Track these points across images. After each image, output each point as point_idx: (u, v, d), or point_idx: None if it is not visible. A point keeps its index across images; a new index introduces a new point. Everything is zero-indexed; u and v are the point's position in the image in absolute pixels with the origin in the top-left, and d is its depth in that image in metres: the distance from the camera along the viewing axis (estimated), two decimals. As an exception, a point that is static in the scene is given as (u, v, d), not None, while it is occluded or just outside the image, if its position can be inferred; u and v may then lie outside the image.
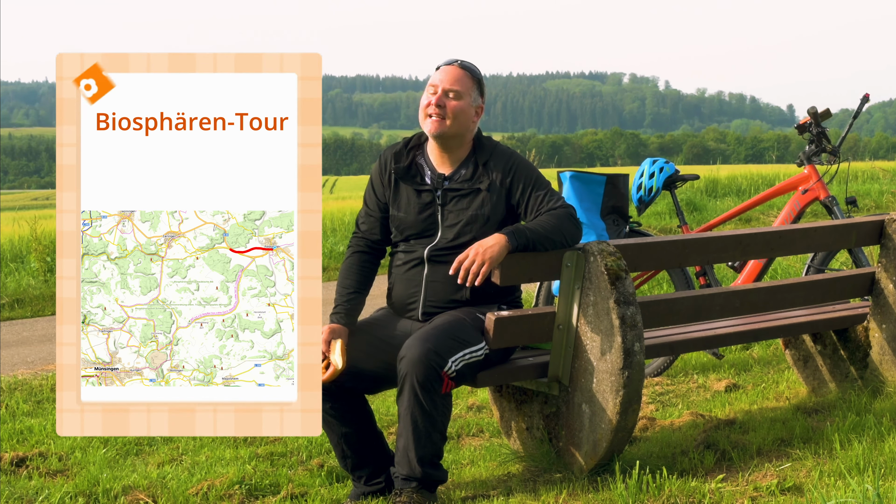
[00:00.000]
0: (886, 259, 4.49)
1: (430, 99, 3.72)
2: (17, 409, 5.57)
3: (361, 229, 3.87)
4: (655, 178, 5.68)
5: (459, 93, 3.71)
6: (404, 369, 3.46)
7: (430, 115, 3.70)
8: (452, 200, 3.73)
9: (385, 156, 3.85)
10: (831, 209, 5.65)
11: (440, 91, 3.71)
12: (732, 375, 5.53)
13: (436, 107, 3.69)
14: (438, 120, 3.69)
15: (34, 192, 65.61)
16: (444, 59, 3.85)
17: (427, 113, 3.72)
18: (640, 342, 3.60)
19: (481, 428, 4.80)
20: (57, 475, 4.29)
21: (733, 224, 11.25)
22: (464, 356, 3.52)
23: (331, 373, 3.57)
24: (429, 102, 3.72)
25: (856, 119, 5.93)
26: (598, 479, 3.62)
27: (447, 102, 3.70)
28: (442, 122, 3.69)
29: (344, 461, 3.76)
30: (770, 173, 17.31)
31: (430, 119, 3.70)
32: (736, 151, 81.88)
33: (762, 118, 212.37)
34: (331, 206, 16.53)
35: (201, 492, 3.85)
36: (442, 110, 3.69)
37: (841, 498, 3.03)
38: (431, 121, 3.70)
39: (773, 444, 3.92)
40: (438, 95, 3.71)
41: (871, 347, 4.58)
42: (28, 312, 9.32)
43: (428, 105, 3.72)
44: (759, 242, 4.25)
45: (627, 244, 3.79)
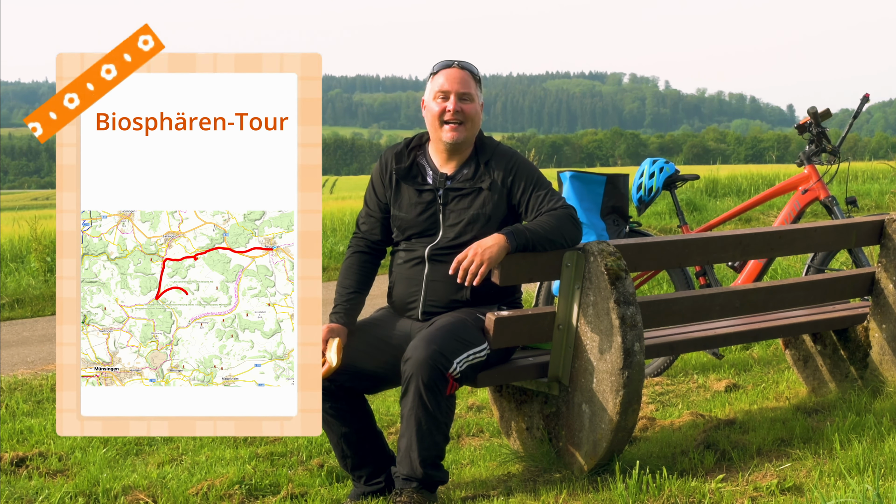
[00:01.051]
0: (886, 259, 4.49)
1: (444, 105, 3.67)
2: (17, 409, 5.58)
3: (362, 230, 3.87)
4: (655, 178, 5.68)
5: (470, 95, 3.70)
6: (409, 370, 3.45)
7: (448, 121, 3.67)
8: (454, 200, 3.72)
9: (386, 156, 3.83)
10: (831, 209, 5.65)
11: (454, 97, 3.67)
12: (732, 375, 5.53)
13: (454, 112, 3.66)
14: (457, 126, 3.66)
15: (34, 192, 65.59)
16: (439, 61, 3.77)
17: (444, 120, 3.67)
18: (640, 342, 3.60)
19: (481, 428, 4.80)
20: (57, 475, 4.29)
21: (733, 224, 11.25)
22: (468, 357, 3.52)
23: (325, 370, 3.56)
24: (443, 108, 3.67)
25: (856, 119, 5.93)
26: (598, 479, 3.62)
27: (463, 107, 3.68)
28: (461, 128, 3.67)
29: (344, 461, 3.76)
30: (770, 173, 17.31)
31: (448, 126, 3.67)
32: (736, 151, 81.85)
33: (762, 118, 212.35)
34: (331, 206, 16.53)
35: (201, 492, 3.85)
36: (459, 115, 3.67)
37: (841, 498, 3.03)
38: (450, 128, 3.66)
39: (773, 444, 3.92)
40: (454, 101, 3.67)
41: (871, 347, 4.58)
42: (28, 312, 9.32)
43: (442, 111, 3.67)
44: (759, 242, 4.25)
45: (627, 244, 3.79)
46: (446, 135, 3.68)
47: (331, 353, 3.59)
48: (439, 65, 3.76)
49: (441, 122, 3.68)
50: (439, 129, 3.69)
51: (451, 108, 3.66)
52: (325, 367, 3.57)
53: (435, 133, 3.72)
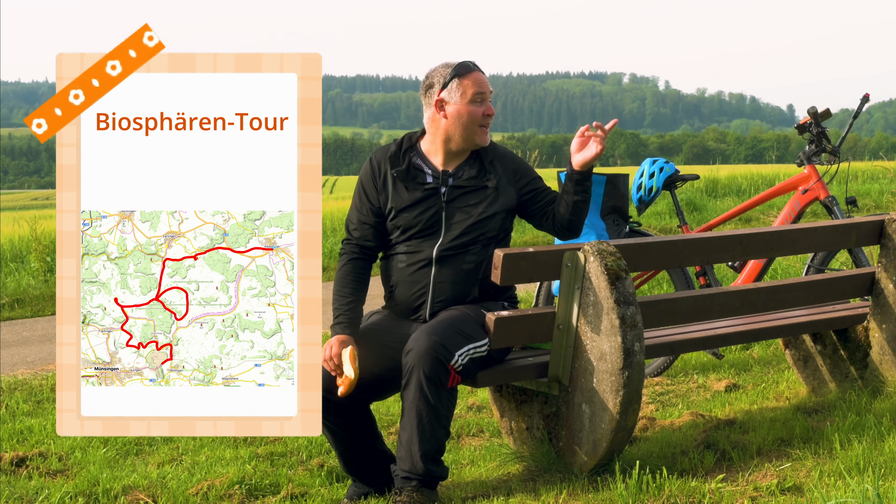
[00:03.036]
0: (886, 259, 4.49)
1: (482, 108, 3.72)
2: (17, 409, 5.58)
3: (354, 236, 3.80)
4: (655, 178, 5.68)
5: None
6: (411, 362, 3.45)
7: (484, 125, 3.73)
8: (459, 198, 3.72)
9: (377, 159, 3.79)
10: (831, 209, 5.65)
11: (488, 101, 3.75)
12: (732, 375, 5.53)
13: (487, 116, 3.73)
14: (487, 129, 3.75)
15: (34, 192, 65.61)
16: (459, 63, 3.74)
17: (482, 124, 3.73)
18: (640, 342, 3.60)
19: (481, 428, 4.80)
20: (57, 475, 4.29)
21: (733, 224, 11.25)
22: (469, 350, 3.52)
23: (346, 385, 3.51)
24: (483, 111, 3.72)
25: (856, 119, 5.93)
26: (598, 479, 3.62)
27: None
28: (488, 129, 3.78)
29: (346, 467, 3.78)
30: (770, 173, 17.31)
31: (482, 129, 3.73)
32: (736, 151, 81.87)
33: (762, 118, 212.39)
34: (331, 206, 16.52)
35: (201, 492, 3.85)
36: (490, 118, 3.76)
37: (841, 498, 3.03)
38: (483, 131, 3.74)
39: (773, 444, 3.92)
40: (488, 104, 3.74)
41: (871, 347, 4.58)
42: (28, 312, 9.33)
43: (482, 115, 3.71)
44: (759, 242, 4.25)
45: (627, 244, 3.79)
46: (481, 138, 3.74)
47: (347, 368, 3.52)
48: (463, 67, 3.73)
49: (480, 125, 3.73)
50: (476, 131, 3.72)
51: (491, 111, 3.74)
52: (345, 382, 3.51)
53: (468, 135, 3.72)
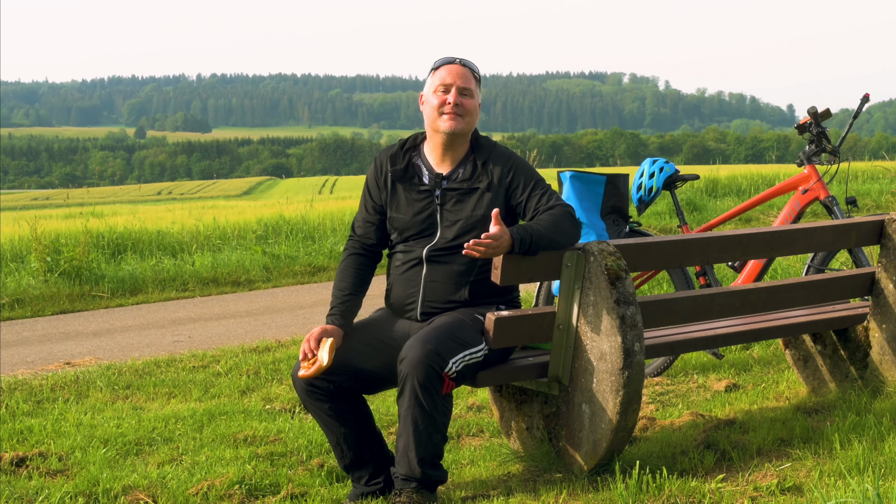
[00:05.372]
0: (886, 259, 4.48)
1: (444, 97, 3.70)
2: (17, 409, 5.57)
3: (357, 233, 3.86)
4: (655, 178, 5.68)
5: (471, 91, 3.73)
6: (405, 370, 3.45)
7: (446, 112, 3.69)
8: (451, 200, 3.72)
9: (380, 159, 3.83)
10: (831, 209, 5.65)
11: (455, 90, 3.70)
12: (732, 375, 5.53)
13: (454, 105, 3.69)
14: (454, 116, 3.69)
15: (34, 192, 65.63)
16: (440, 58, 3.82)
17: (442, 111, 3.70)
18: (640, 342, 3.60)
19: (481, 428, 4.80)
20: (57, 475, 4.28)
21: (733, 224, 11.26)
22: (464, 357, 3.52)
23: (315, 369, 3.56)
24: (443, 101, 3.70)
25: (856, 119, 5.93)
26: (598, 479, 3.62)
27: (463, 101, 3.70)
28: (459, 119, 3.69)
29: (343, 461, 3.76)
30: (770, 173, 17.33)
31: (446, 116, 3.69)
32: (736, 151, 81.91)
33: (762, 118, 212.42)
34: (331, 206, 16.52)
35: (201, 492, 3.85)
36: (459, 108, 3.69)
37: (841, 498, 3.03)
38: (447, 118, 3.69)
39: (773, 444, 3.92)
40: (455, 94, 3.70)
41: (871, 347, 4.58)
42: (28, 312, 9.32)
43: (443, 104, 3.69)
44: (759, 242, 4.25)
45: (627, 244, 3.78)
46: (444, 123, 3.70)
47: (322, 352, 3.58)
48: (441, 61, 3.79)
49: (440, 112, 3.71)
50: (437, 118, 3.71)
51: (452, 100, 3.69)
52: (315, 366, 3.57)
53: (433, 125, 3.73)
